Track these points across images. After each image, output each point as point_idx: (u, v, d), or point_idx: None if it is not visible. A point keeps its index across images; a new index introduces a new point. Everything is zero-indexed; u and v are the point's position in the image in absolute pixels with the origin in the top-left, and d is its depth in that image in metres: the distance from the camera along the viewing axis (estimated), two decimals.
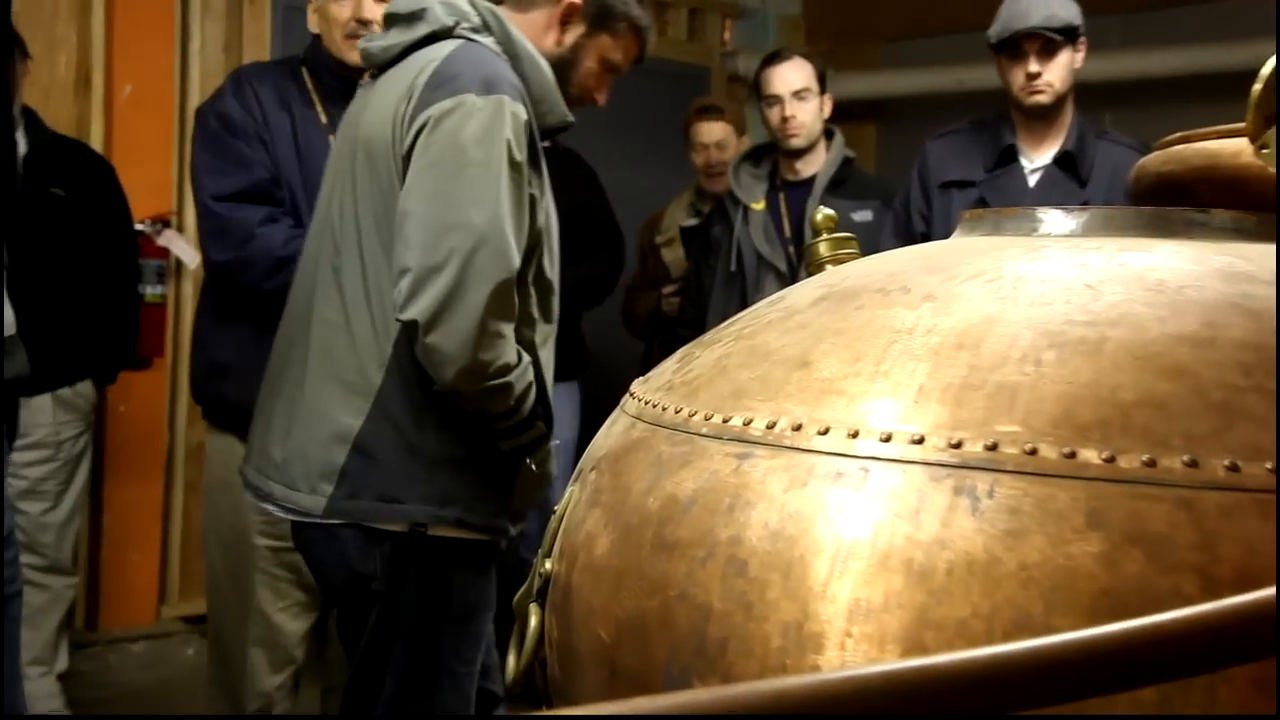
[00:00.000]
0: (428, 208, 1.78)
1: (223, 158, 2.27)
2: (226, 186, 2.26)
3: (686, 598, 0.75)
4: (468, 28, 1.90)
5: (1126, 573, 0.65)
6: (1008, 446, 0.70)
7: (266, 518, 2.30)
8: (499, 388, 1.81)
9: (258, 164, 2.28)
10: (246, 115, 2.28)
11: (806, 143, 3.26)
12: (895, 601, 0.68)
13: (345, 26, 2.29)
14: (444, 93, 1.80)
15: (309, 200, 2.29)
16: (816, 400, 0.78)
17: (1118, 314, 0.76)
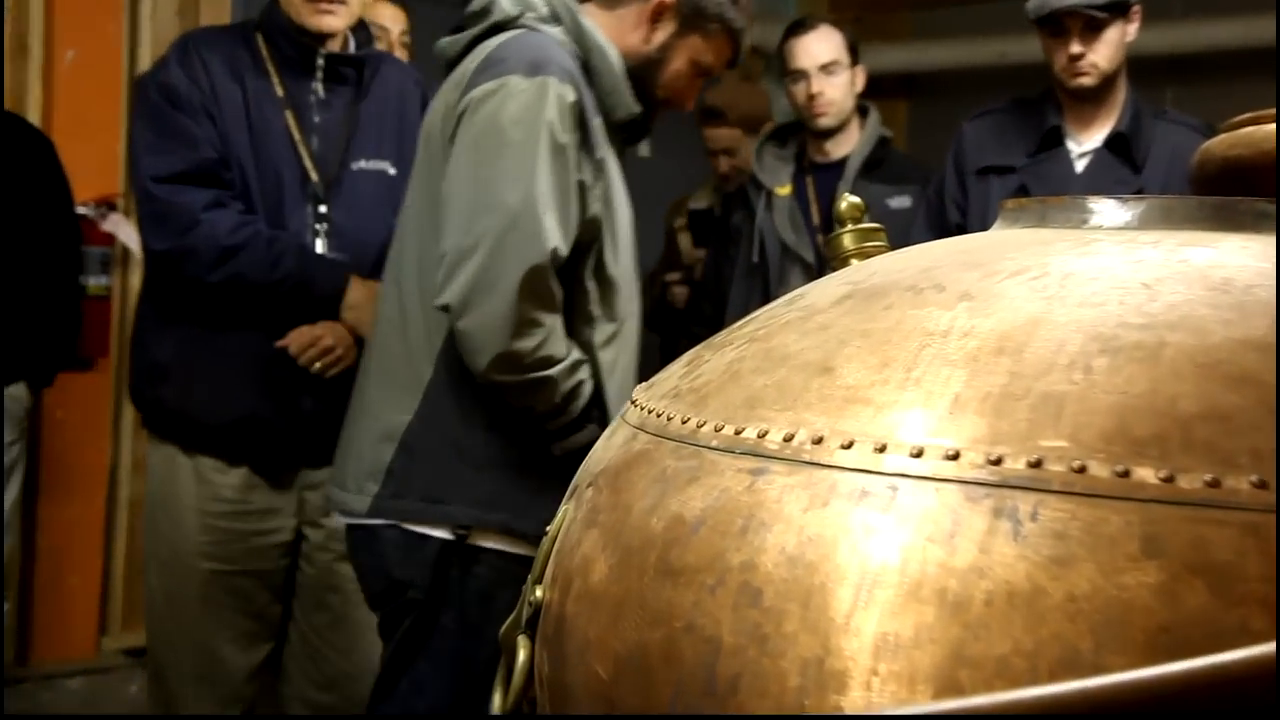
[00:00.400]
0: (463, 190, 1.92)
1: (165, 134, 2.28)
2: (168, 166, 2.27)
3: (694, 630, 0.75)
4: (534, 17, 2.05)
5: (1187, 606, 0.65)
6: (1053, 464, 0.70)
7: (212, 538, 2.31)
8: (539, 381, 1.91)
9: (204, 141, 2.28)
10: (193, 86, 2.29)
11: (836, 122, 3.27)
12: (927, 636, 0.68)
13: None
14: (488, 75, 1.95)
15: (262, 182, 2.30)
16: (840, 410, 0.78)
17: (1178, 316, 0.76)
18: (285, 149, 2.34)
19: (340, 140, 2.39)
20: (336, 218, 2.36)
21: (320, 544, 2.40)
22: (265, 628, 2.40)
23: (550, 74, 1.95)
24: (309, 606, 2.42)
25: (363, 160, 2.40)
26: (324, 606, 2.42)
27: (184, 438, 2.33)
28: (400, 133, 2.45)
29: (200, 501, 2.33)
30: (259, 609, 2.38)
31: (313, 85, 2.37)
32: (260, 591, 2.38)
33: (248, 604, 2.37)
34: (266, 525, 2.36)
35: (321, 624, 2.42)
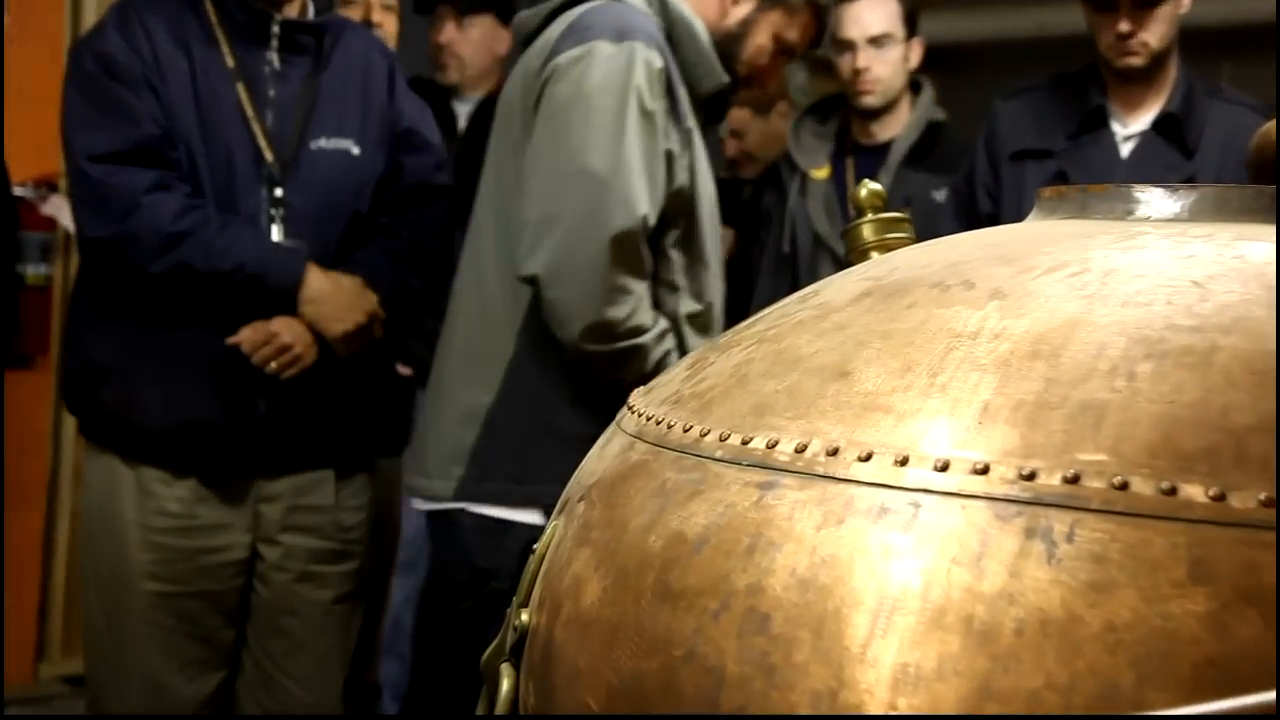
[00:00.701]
0: (548, 157, 2.06)
1: (101, 108, 2.27)
2: (105, 144, 2.26)
3: (695, 659, 0.76)
4: None
5: (1238, 637, 0.66)
6: (1092, 479, 0.71)
7: (157, 556, 2.31)
8: (630, 350, 2.02)
9: (145, 116, 2.27)
10: (133, 55, 2.28)
11: (882, 101, 3.27)
12: (951, 667, 0.69)
13: None
14: (573, 42, 2.08)
15: (211, 162, 2.30)
16: (857, 419, 0.79)
17: (1231, 318, 0.77)
18: (237, 125, 2.33)
19: (298, 116, 2.38)
20: (294, 201, 2.36)
21: (277, 563, 2.40)
22: (216, 655, 2.40)
23: (637, 39, 2.07)
24: (264, 631, 2.42)
25: (323, 138, 2.40)
26: (281, 632, 2.42)
27: (125, 446, 2.33)
28: (364, 108, 2.45)
29: (143, 516, 2.33)
30: (209, 634, 2.38)
31: (267, 55, 2.36)
32: (211, 615, 2.38)
33: (197, 629, 2.37)
34: (217, 542, 2.36)
35: (278, 651, 2.42)
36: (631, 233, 2.02)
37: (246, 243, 2.27)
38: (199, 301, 2.29)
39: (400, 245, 2.45)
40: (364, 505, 2.51)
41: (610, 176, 2.00)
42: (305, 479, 2.41)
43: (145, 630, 2.32)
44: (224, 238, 2.24)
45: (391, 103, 2.48)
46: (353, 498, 2.48)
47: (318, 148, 2.39)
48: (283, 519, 2.39)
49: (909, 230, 1.10)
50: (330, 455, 2.43)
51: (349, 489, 2.47)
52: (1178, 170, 2.96)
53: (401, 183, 2.49)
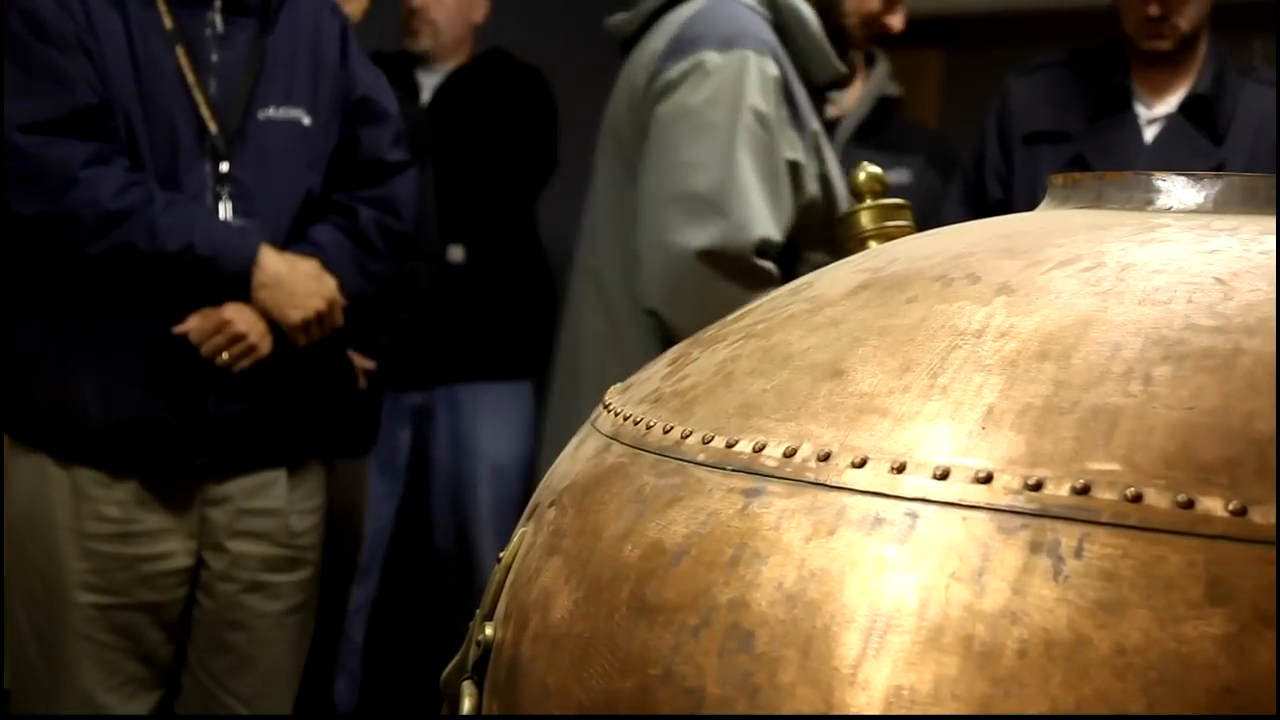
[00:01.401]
0: (658, 181, 2.07)
1: (31, 73, 2.24)
2: (36, 112, 2.23)
3: (673, 678, 0.76)
4: None
5: (1259, 662, 0.66)
6: (1103, 490, 0.71)
7: (93, 565, 2.30)
8: None
9: (80, 81, 2.25)
10: (63, 14, 2.25)
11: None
12: (949, 691, 0.69)
13: None
14: (680, 56, 2.09)
15: (150, 133, 2.28)
16: (851, 422, 0.79)
17: (1257, 318, 0.78)
18: (177, 93, 2.31)
19: (244, 84, 2.36)
20: (241, 177, 2.34)
21: (222, 572, 2.39)
22: (155, 673, 2.39)
23: (746, 47, 2.08)
24: (206, 647, 2.41)
25: (271, 108, 2.38)
26: (225, 647, 2.41)
27: (57, 445, 2.31)
28: (315, 74, 2.43)
29: (78, 521, 2.31)
30: (149, 650, 2.37)
31: (209, 16, 2.34)
32: (151, 629, 2.37)
33: (136, 644, 2.36)
34: (159, 549, 2.35)
35: (221, 668, 2.41)
36: (743, 256, 2.03)
37: (195, 222, 2.25)
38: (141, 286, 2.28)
39: (359, 225, 2.43)
40: (318, 508, 2.50)
41: (718, 198, 2.02)
42: (255, 480, 2.40)
43: (80, 646, 2.31)
44: (170, 216, 2.22)
45: (345, 68, 2.46)
46: (305, 499, 2.47)
47: (266, 118, 2.37)
48: (231, 524, 2.38)
49: (909, 218, 1.10)
50: (283, 454, 2.42)
51: (301, 490, 2.47)
52: (1205, 157, 2.96)
53: (357, 156, 2.47)
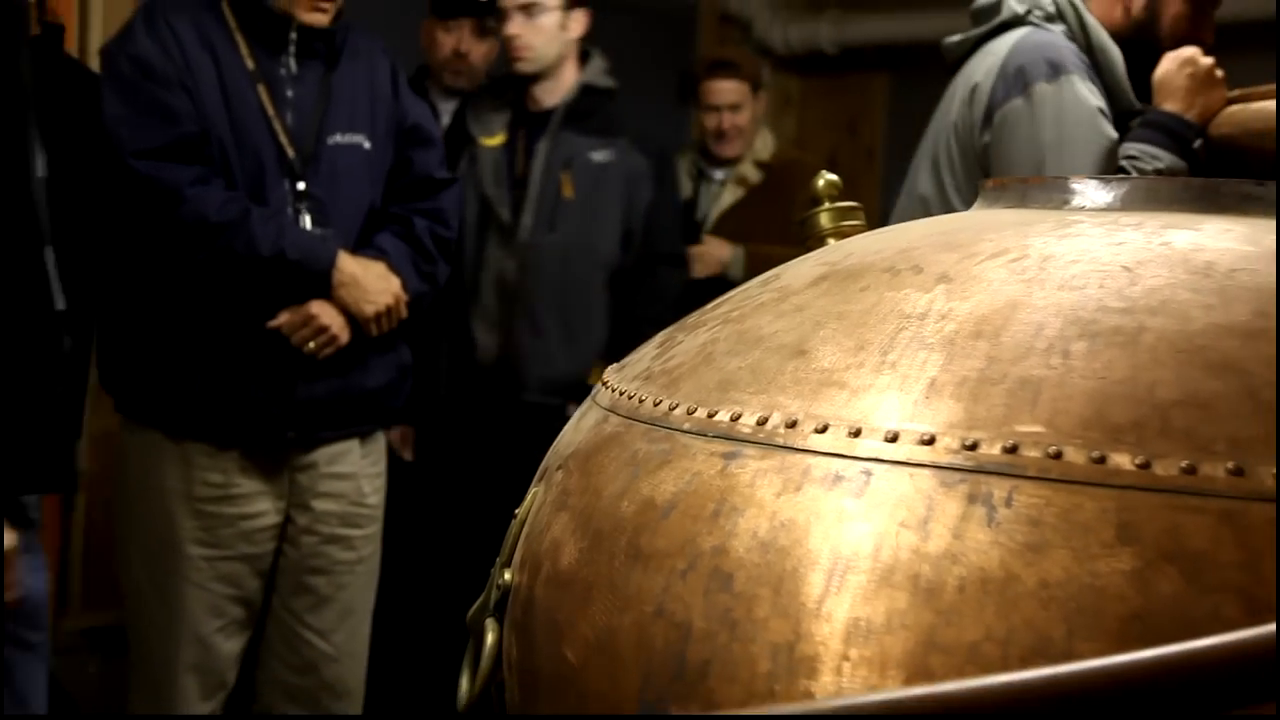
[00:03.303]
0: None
1: (141, 108, 2.24)
2: (149, 141, 2.23)
3: (664, 615, 0.75)
4: (1040, 15, 2.07)
5: (1161, 594, 0.65)
6: (1029, 449, 0.70)
7: (201, 523, 2.30)
8: None
9: (183, 115, 2.25)
10: (166, 58, 2.24)
11: (537, 67, 3.08)
12: (899, 621, 0.69)
13: None
14: (1013, 87, 1.98)
15: (241, 158, 2.27)
16: (814, 394, 0.78)
17: (1159, 301, 0.76)
18: (260, 124, 2.31)
19: (315, 115, 2.36)
20: (316, 193, 2.34)
21: (306, 527, 2.39)
22: (249, 615, 2.39)
23: (1072, 72, 1.98)
24: (289, 590, 2.41)
25: (338, 134, 2.37)
26: (306, 589, 2.41)
27: (169, 423, 2.31)
28: (372, 105, 2.43)
29: (188, 487, 2.31)
30: (247, 595, 2.37)
31: (284, 59, 2.33)
32: (249, 577, 2.37)
33: (237, 590, 2.36)
34: (255, 508, 2.35)
35: (302, 607, 2.41)
36: None
37: (284, 231, 2.25)
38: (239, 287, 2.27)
39: (415, 232, 2.43)
40: (382, 473, 2.51)
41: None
42: (333, 450, 2.40)
43: (193, 592, 2.31)
44: (263, 227, 2.22)
45: (397, 101, 2.46)
46: (372, 466, 2.48)
47: (334, 143, 2.37)
48: (313, 486, 2.38)
49: (861, 218, 1.09)
50: (356, 428, 2.43)
51: (370, 458, 2.47)
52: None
53: (410, 175, 2.47)
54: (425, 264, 2.45)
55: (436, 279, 2.50)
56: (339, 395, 2.37)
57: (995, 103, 2.04)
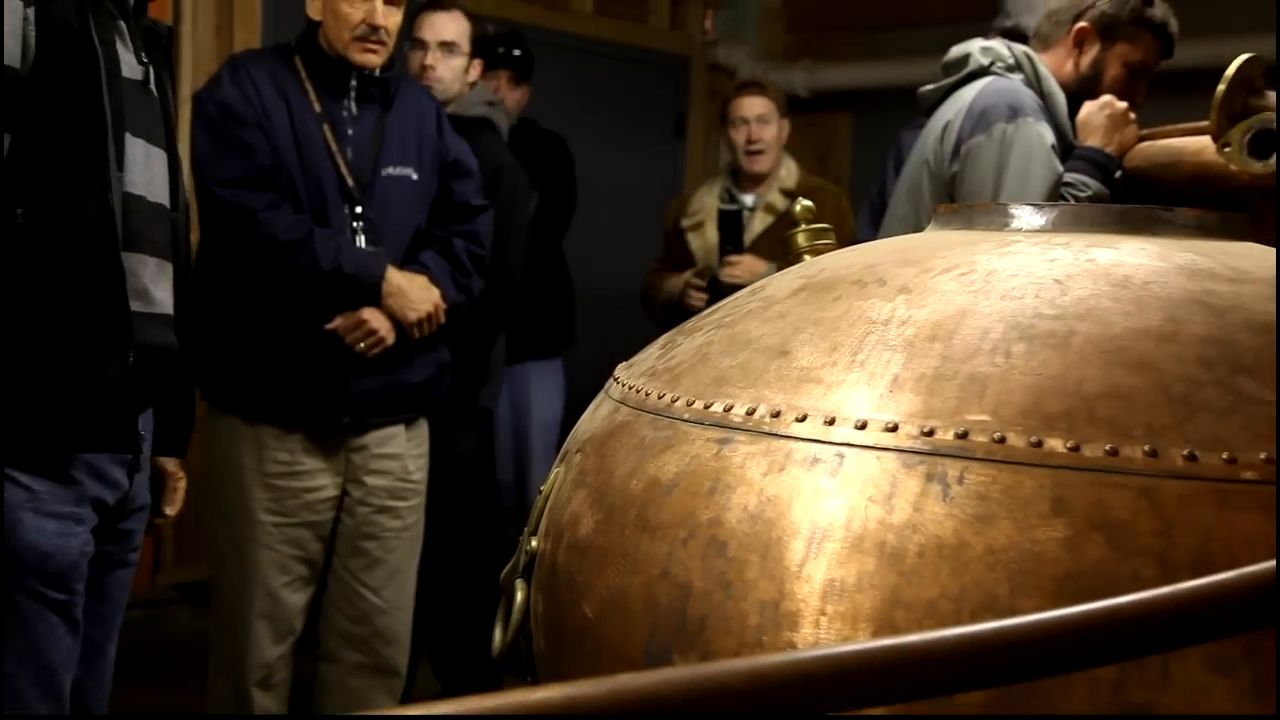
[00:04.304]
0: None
1: (224, 145, 2.25)
2: (229, 172, 2.23)
3: (668, 576, 0.75)
4: (1001, 66, 2.08)
5: (1089, 557, 0.65)
6: (977, 435, 0.70)
7: (271, 495, 2.30)
8: None
9: (259, 151, 2.25)
10: (246, 103, 2.25)
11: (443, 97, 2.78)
12: (868, 582, 0.68)
13: (355, 28, 2.26)
14: (979, 127, 1.98)
15: (307, 187, 2.28)
16: (794, 388, 0.78)
17: (1085, 309, 0.76)
18: (324, 158, 2.31)
19: (371, 150, 2.36)
20: (370, 216, 2.33)
21: (360, 499, 2.39)
22: (313, 573, 2.39)
23: (1029, 114, 1.97)
24: (347, 553, 2.41)
25: (390, 167, 2.37)
26: (360, 552, 2.40)
27: (246, 409, 2.31)
28: (420, 142, 2.42)
29: (260, 464, 2.31)
30: (310, 556, 2.37)
31: (345, 103, 2.33)
32: (312, 541, 2.36)
33: (302, 551, 2.36)
34: (316, 483, 2.35)
35: (357, 567, 2.41)
36: None
37: (342, 249, 2.25)
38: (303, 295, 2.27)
39: (454, 251, 2.43)
40: (424, 454, 2.50)
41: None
42: (382, 433, 2.40)
43: (264, 554, 2.30)
44: (324, 245, 2.22)
45: (440, 139, 2.45)
46: (416, 447, 2.47)
47: (386, 174, 2.36)
48: (366, 464, 2.38)
49: (833, 238, 1.09)
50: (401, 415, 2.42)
51: (414, 441, 2.46)
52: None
53: (450, 202, 2.47)
54: (462, 278, 2.45)
55: (471, 290, 2.49)
56: (387, 387, 2.37)
57: (962, 139, 2.03)
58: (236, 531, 2.33)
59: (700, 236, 3.28)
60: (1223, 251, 0.84)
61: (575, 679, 0.51)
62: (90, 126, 1.44)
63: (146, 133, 1.58)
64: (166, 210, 1.63)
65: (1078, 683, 0.64)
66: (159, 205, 1.61)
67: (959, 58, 2.18)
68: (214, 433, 2.37)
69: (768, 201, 3.26)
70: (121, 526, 1.62)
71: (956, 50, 2.20)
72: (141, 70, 1.59)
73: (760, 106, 3.31)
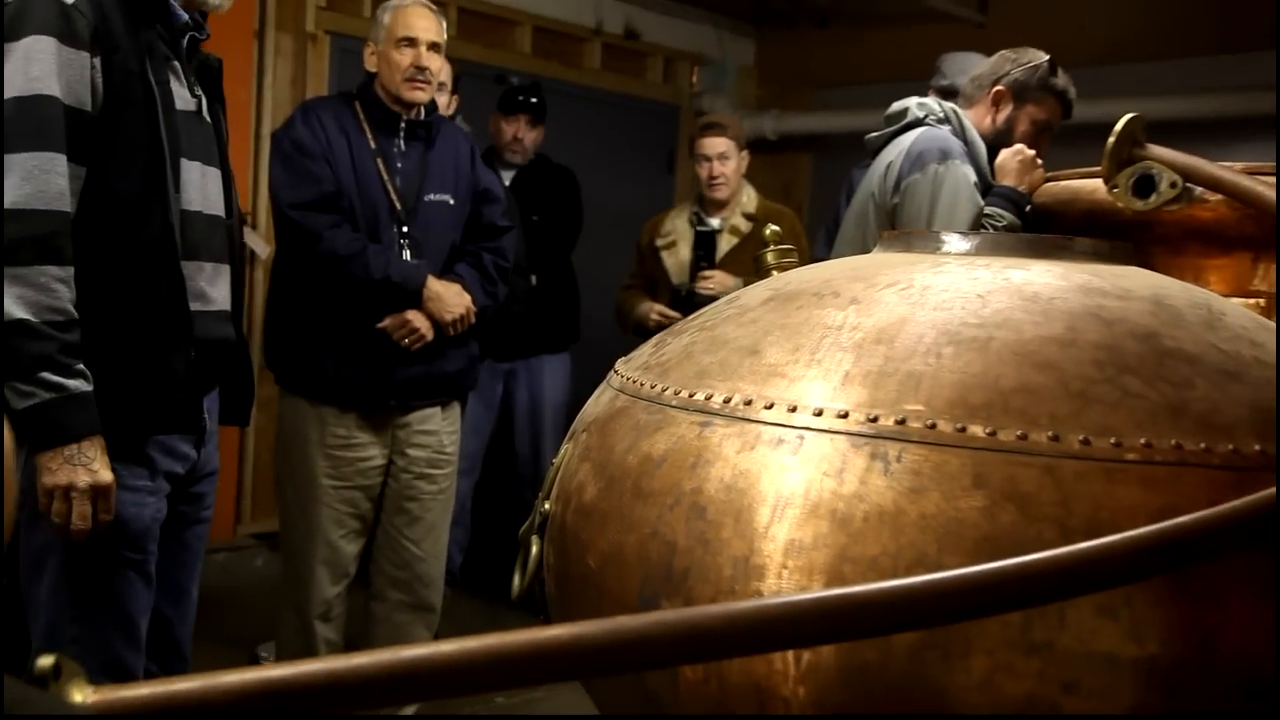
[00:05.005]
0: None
1: (296, 174, 2.23)
2: (300, 197, 2.22)
3: (657, 535, 0.74)
4: (934, 119, 2.10)
5: (1002, 523, 0.65)
6: (913, 422, 0.70)
7: (331, 464, 2.29)
8: None
9: (324, 179, 2.24)
10: (314, 140, 2.24)
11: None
12: (822, 542, 0.68)
13: (405, 71, 2.24)
14: (915, 167, 1.99)
15: (363, 210, 2.27)
16: (764, 381, 0.78)
17: (1002, 319, 0.76)
18: (378, 186, 2.29)
19: (416, 180, 2.34)
20: (415, 234, 2.32)
21: (404, 467, 2.37)
22: (364, 527, 2.38)
23: (956, 158, 1.99)
24: (393, 511, 2.39)
25: (432, 194, 2.35)
26: (403, 510, 2.39)
27: (311, 391, 2.30)
28: (456, 174, 2.41)
29: (322, 437, 2.29)
30: (362, 513, 2.35)
31: (396, 141, 2.32)
32: (363, 500, 2.35)
33: (355, 510, 2.34)
34: (368, 454, 2.33)
35: (401, 523, 2.39)
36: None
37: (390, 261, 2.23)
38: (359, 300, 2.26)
39: (483, 264, 2.41)
40: (456, 430, 2.49)
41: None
42: (421, 414, 2.38)
43: (325, 510, 2.29)
44: (376, 258, 2.20)
45: (473, 171, 2.44)
46: (449, 425, 2.45)
47: (429, 200, 2.34)
48: (408, 439, 2.36)
49: (796, 256, 1.08)
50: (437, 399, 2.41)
51: (448, 420, 2.45)
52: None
53: (481, 223, 2.45)
54: (489, 285, 2.43)
55: (497, 296, 2.48)
56: (426, 376, 2.35)
57: (902, 177, 2.04)
58: (302, 492, 2.32)
59: (674, 255, 3.23)
60: (1112, 274, 0.84)
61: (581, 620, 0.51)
62: (151, 156, 1.42)
63: (202, 155, 1.56)
64: (222, 220, 1.61)
65: (992, 625, 0.65)
66: (215, 217, 1.59)
67: (899, 111, 2.19)
68: (284, 411, 2.36)
69: (732, 224, 3.23)
70: (194, 490, 1.61)
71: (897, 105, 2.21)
72: (194, 102, 1.56)
73: (721, 145, 3.22)
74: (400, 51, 2.23)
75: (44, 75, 1.33)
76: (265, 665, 0.46)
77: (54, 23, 1.34)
